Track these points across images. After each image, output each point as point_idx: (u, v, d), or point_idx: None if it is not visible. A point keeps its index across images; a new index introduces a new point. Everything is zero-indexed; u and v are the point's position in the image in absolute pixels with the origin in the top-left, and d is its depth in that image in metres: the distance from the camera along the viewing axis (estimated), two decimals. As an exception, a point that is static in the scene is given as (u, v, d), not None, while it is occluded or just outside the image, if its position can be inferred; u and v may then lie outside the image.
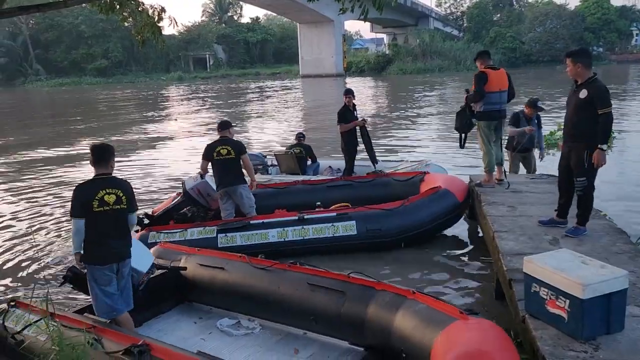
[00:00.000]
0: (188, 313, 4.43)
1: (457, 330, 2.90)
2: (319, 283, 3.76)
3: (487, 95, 5.93)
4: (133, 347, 2.93)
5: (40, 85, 50.75)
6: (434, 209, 5.67)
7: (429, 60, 47.41)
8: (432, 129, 15.29)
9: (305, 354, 3.70)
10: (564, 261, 3.13)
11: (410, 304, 3.28)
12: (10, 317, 3.76)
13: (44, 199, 8.98)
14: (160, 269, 4.32)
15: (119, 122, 21.07)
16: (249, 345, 3.85)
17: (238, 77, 50.99)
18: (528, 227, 4.74)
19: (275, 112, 21.80)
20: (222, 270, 4.23)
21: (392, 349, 3.27)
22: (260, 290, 3.99)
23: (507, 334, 3.73)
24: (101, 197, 3.49)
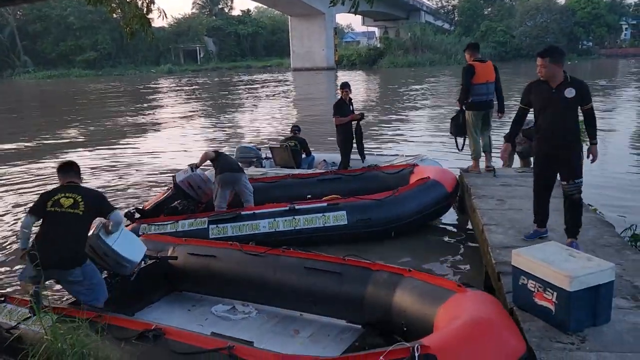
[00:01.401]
0: (180, 302, 4.45)
1: (457, 301, 3.05)
2: (315, 266, 3.86)
3: (474, 86, 6.22)
4: (147, 332, 2.97)
5: (28, 78, 50.13)
6: (423, 198, 5.72)
7: (420, 53, 47.46)
8: (425, 123, 15.31)
9: (306, 334, 3.80)
10: (551, 254, 3.16)
11: (408, 281, 3.42)
12: (2, 313, 3.71)
13: (32, 194, 8.89)
14: (151, 259, 4.31)
15: (107, 116, 20.89)
16: (248, 328, 3.90)
17: (229, 70, 50.74)
18: (517, 221, 4.77)
19: (267, 105, 21.73)
20: (214, 259, 4.28)
21: (392, 324, 3.41)
22: (255, 276, 4.06)
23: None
24: (57, 199, 3.58)
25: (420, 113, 17.57)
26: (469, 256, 5.34)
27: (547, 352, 2.78)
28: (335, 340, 3.68)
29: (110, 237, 3.77)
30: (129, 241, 3.95)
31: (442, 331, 2.82)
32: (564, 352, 2.79)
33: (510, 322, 2.97)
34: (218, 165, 6.03)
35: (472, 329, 2.74)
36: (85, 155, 12.46)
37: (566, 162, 4.05)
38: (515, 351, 2.73)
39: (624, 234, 4.84)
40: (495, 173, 6.39)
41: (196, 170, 6.10)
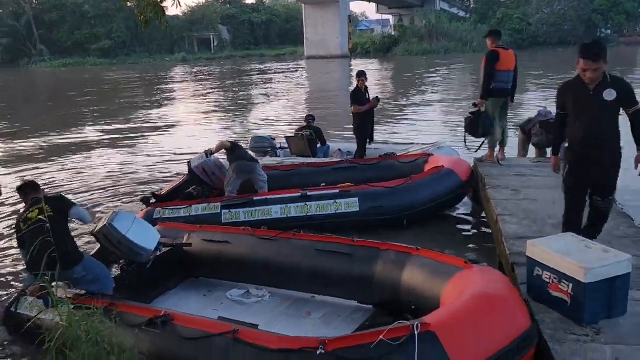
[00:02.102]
0: (196, 288, 4.54)
1: (463, 278, 3.08)
2: (325, 248, 3.92)
3: (497, 73, 6.08)
4: (156, 318, 3.06)
5: (44, 66, 50.54)
6: (436, 187, 5.70)
7: (435, 41, 46.88)
8: (441, 111, 15.17)
9: (317, 315, 3.88)
10: (567, 245, 3.14)
11: (416, 260, 3.46)
12: (24, 305, 3.86)
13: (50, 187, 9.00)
14: (166, 246, 4.38)
15: (123, 105, 21.05)
16: (262, 311, 3.99)
17: (242, 59, 50.61)
18: (531, 211, 4.73)
19: (281, 94, 21.68)
20: (227, 244, 4.36)
21: (401, 303, 3.46)
22: (267, 260, 4.14)
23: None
24: (25, 217, 3.82)
25: (435, 101, 17.40)
26: (482, 247, 5.31)
27: (561, 344, 2.77)
28: (347, 320, 3.75)
29: (124, 225, 3.85)
30: (142, 229, 4.02)
31: (444, 308, 2.86)
32: (579, 344, 2.78)
33: (517, 297, 2.97)
34: (233, 155, 6.13)
35: (475, 304, 2.76)
36: (102, 145, 12.58)
37: (602, 174, 3.58)
38: (519, 326, 2.73)
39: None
40: (500, 164, 6.33)
41: (211, 157, 6.14)
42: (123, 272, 4.16)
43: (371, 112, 7.56)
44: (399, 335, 2.55)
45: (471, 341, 2.59)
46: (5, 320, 4.03)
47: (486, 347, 2.59)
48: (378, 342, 2.55)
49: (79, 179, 9.13)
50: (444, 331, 2.57)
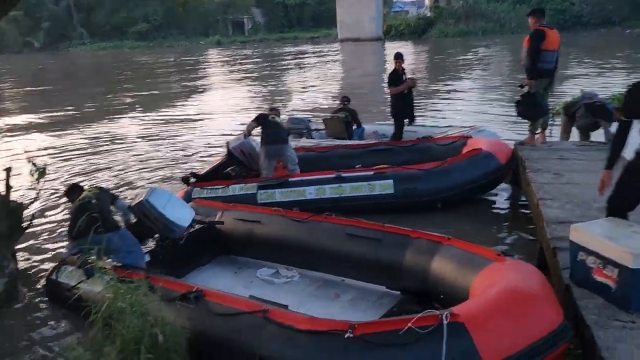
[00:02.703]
0: (227, 265, 4.65)
1: (494, 270, 3.03)
2: (355, 232, 3.94)
3: (542, 53, 5.89)
4: (189, 294, 3.15)
5: (84, 49, 51.68)
6: (473, 170, 5.62)
7: (472, 22, 45.71)
8: (479, 94, 14.79)
9: (346, 298, 3.91)
10: (612, 229, 3.06)
11: (447, 249, 3.43)
12: (64, 273, 4.09)
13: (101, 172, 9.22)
14: (199, 223, 4.52)
15: (161, 88, 21.39)
16: (291, 291, 4.05)
17: (276, 42, 50.54)
18: (574, 195, 4.60)
19: (315, 77, 21.61)
20: (259, 224, 4.44)
21: (429, 292, 3.45)
22: (298, 241, 4.19)
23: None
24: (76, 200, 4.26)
25: (473, 84, 17.01)
26: (521, 231, 5.23)
27: (605, 330, 2.71)
28: (375, 305, 3.77)
29: (160, 202, 4.03)
30: (178, 206, 4.20)
31: (474, 299, 2.83)
32: (624, 330, 2.71)
33: (549, 292, 2.91)
34: (264, 134, 6.17)
35: (505, 297, 2.72)
36: (142, 127, 12.84)
37: None
38: (550, 322, 2.68)
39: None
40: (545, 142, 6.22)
41: (248, 138, 6.19)
42: (157, 246, 4.32)
43: (409, 94, 7.46)
44: (428, 324, 2.55)
45: (500, 334, 2.55)
46: (46, 288, 4.25)
47: (515, 341, 2.54)
48: (406, 330, 2.54)
49: (119, 160, 9.40)
50: (473, 323, 2.55)
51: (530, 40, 5.95)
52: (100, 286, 3.61)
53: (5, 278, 4.33)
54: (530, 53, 5.92)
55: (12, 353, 3.60)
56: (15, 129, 13.22)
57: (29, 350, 3.67)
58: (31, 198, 5.58)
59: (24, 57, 47.78)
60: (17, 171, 5.35)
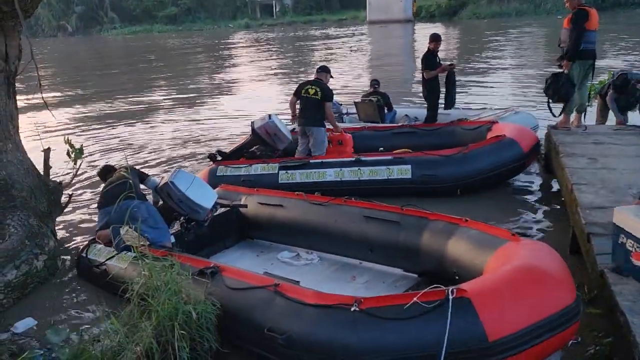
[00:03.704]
0: (250, 248, 4.76)
1: (509, 249, 3.02)
2: (374, 215, 3.97)
3: (586, 33, 5.72)
4: (206, 269, 3.28)
5: (115, 34, 52.44)
6: (494, 157, 5.54)
7: (505, 3, 44.53)
8: (514, 76, 14.45)
9: (362, 280, 3.95)
10: None
11: (463, 230, 3.43)
12: (93, 251, 4.27)
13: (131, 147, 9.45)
14: (223, 207, 4.63)
15: (189, 70, 21.59)
16: (309, 273, 4.12)
17: (304, 24, 50.22)
18: (610, 180, 4.51)
19: (343, 60, 21.45)
20: (281, 208, 4.52)
21: (445, 273, 3.44)
22: (318, 225, 4.26)
23: (580, 287, 3.68)
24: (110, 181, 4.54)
25: (508, 65, 16.58)
26: (553, 217, 5.14)
27: (639, 316, 2.67)
28: (390, 287, 3.79)
29: (184, 183, 4.14)
30: (201, 188, 4.30)
31: (483, 277, 2.83)
32: (659, 317, 2.66)
33: (563, 271, 2.87)
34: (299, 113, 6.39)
35: (515, 275, 2.70)
36: (170, 108, 13.04)
37: None
38: (560, 301, 2.65)
39: None
40: (585, 128, 6.08)
41: (273, 118, 6.26)
42: (182, 228, 4.43)
43: (450, 77, 7.22)
44: (434, 299, 2.56)
45: (506, 310, 2.54)
46: (77, 265, 4.43)
47: (522, 318, 2.53)
48: (412, 304, 2.57)
49: (148, 139, 9.69)
50: (479, 298, 2.55)
51: (573, 21, 5.75)
52: (127, 263, 3.84)
53: (45, 255, 4.49)
54: (575, 34, 5.71)
55: (52, 326, 3.75)
56: (54, 110, 13.54)
57: (68, 324, 3.82)
58: (69, 177, 5.76)
59: (58, 41, 48.78)
60: (54, 151, 5.49)
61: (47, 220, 4.99)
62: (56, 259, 4.68)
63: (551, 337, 2.57)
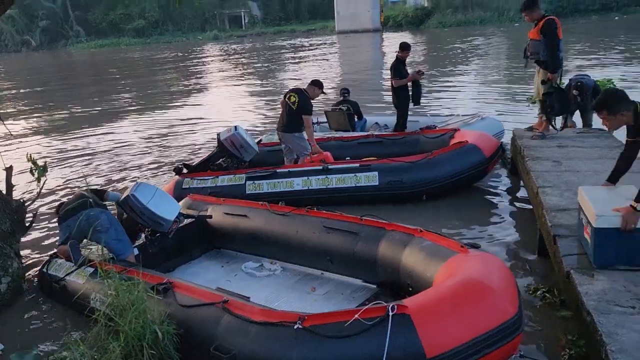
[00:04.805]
0: (216, 258, 4.74)
1: (456, 262, 3.06)
2: (333, 226, 4.00)
3: (559, 42, 5.74)
4: (159, 285, 3.25)
5: (81, 47, 51.52)
6: (457, 163, 5.66)
7: (470, 12, 45.51)
8: (480, 82, 14.78)
9: (322, 291, 3.95)
10: (609, 194, 3.35)
11: (417, 241, 3.46)
12: (53, 266, 4.21)
13: (86, 166, 9.27)
14: (188, 218, 4.64)
15: (158, 83, 21.35)
16: (271, 284, 4.11)
17: (273, 35, 50.34)
18: (574, 183, 4.60)
19: (313, 70, 21.55)
20: (246, 218, 4.52)
21: (400, 284, 3.49)
22: (281, 235, 4.27)
23: (550, 290, 3.74)
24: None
25: (474, 72, 16.99)
26: (521, 219, 5.24)
27: (605, 316, 2.72)
28: (348, 298, 3.79)
29: (145, 196, 4.13)
30: (163, 200, 4.29)
31: (426, 292, 2.83)
32: (624, 315, 2.73)
33: (508, 283, 2.89)
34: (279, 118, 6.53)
35: (457, 289, 2.72)
36: (135, 120, 12.85)
37: None
38: (501, 315, 2.66)
39: None
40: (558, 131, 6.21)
41: (239, 129, 6.27)
42: (147, 240, 4.39)
43: (417, 82, 7.42)
44: (374, 316, 2.57)
45: (446, 326, 2.55)
46: (39, 281, 4.39)
47: (461, 334, 2.53)
48: (352, 321, 2.57)
49: (112, 152, 9.55)
50: (419, 314, 2.56)
51: (547, 32, 5.68)
52: (85, 278, 3.78)
53: (9, 277, 4.34)
54: (551, 44, 5.67)
55: (18, 350, 3.62)
56: (15, 129, 13.21)
57: (34, 347, 3.69)
58: (32, 196, 5.60)
59: (22, 56, 47.70)
60: (17, 170, 5.34)
61: (10, 241, 4.82)
62: (20, 280, 4.53)
63: (491, 351, 2.57)
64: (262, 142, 7.35)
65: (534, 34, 5.87)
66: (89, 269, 3.78)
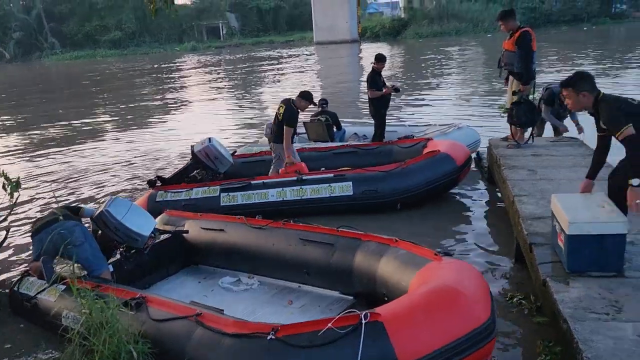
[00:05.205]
0: (194, 274, 4.67)
1: (430, 270, 3.08)
2: (309, 238, 3.98)
3: (533, 54, 5.85)
4: (132, 300, 3.21)
5: (57, 59, 50.82)
6: (430, 172, 5.72)
7: (445, 23, 46.24)
8: (456, 92, 14.95)
9: (298, 304, 3.93)
10: (581, 202, 3.41)
11: (392, 251, 3.47)
12: (25, 284, 4.10)
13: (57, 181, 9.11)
14: (165, 233, 4.56)
15: (134, 94, 21.14)
16: (247, 299, 4.07)
17: (252, 46, 50.41)
18: (549, 191, 4.66)
19: (291, 81, 21.60)
20: (223, 232, 4.47)
21: (377, 294, 3.48)
22: (258, 249, 4.24)
23: (526, 297, 3.78)
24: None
25: (450, 82, 17.19)
26: (498, 227, 5.28)
27: (581, 323, 2.76)
28: (325, 310, 3.77)
29: (120, 211, 4.04)
30: (138, 216, 4.21)
31: (399, 300, 2.84)
32: (599, 322, 2.76)
33: (481, 289, 2.91)
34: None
35: (429, 297, 2.73)
36: (111, 133, 12.69)
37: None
38: (473, 321, 2.68)
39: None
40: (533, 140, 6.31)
41: (213, 141, 6.26)
42: (122, 257, 4.29)
43: (388, 100, 7.57)
44: (347, 324, 2.57)
45: (419, 333, 2.56)
46: (10, 300, 4.25)
47: (434, 340, 2.54)
48: (325, 330, 2.57)
49: (86, 166, 9.40)
50: (392, 322, 2.56)
51: (522, 43, 5.78)
52: (56, 296, 3.68)
53: (-21, 296, 4.22)
54: (526, 56, 5.77)
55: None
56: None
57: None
58: (5, 212, 5.46)
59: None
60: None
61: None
62: (-6, 299, 4.40)
63: (464, 358, 2.59)
64: (236, 153, 7.32)
65: (509, 45, 5.96)
66: (61, 286, 3.69)
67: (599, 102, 3.35)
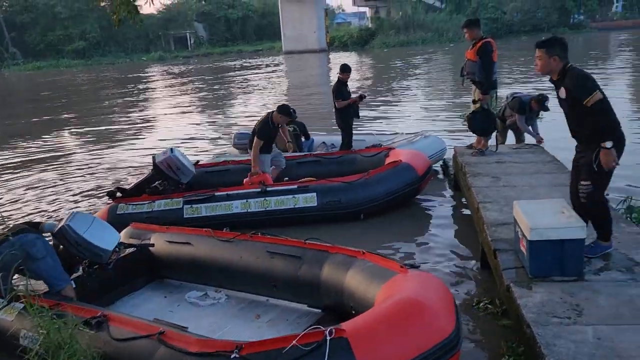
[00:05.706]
0: (160, 289, 4.55)
1: (395, 282, 3.08)
2: (277, 250, 3.93)
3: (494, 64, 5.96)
4: (92, 319, 3.11)
5: (18, 70, 49.49)
6: (392, 181, 5.79)
7: (411, 33, 47.03)
8: (422, 101, 15.19)
9: (266, 318, 3.88)
10: (542, 208, 3.48)
11: (360, 263, 3.46)
12: None
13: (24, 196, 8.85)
14: (129, 247, 4.43)
15: (98, 105, 20.72)
16: (214, 314, 4.00)
17: (220, 55, 50.17)
18: (512, 197, 4.75)
19: (260, 90, 21.56)
20: (189, 246, 4.37)
21: (344, 307, 3.46)
22: (225, 262, 4.15)
23: (492, 301, 3.84)
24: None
25: (416, 91, 17.46)
26: (464, 234, 5.36)
27: (544, 327, 2.81)
28: (292, 324, 3.74)
29: (81, 226, 3.89)
30: (101, 230, 4.06)
31: (364, 314, 2.82)
32: (561, 326, 2.82)
33: (446, 301, 2.93)
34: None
35: (394, 310, 2.73)
36: (75, 144, 12.40)
37: (583, 162, 3.50)
38: (440, 332, 2.69)
39: (619, 206, 4.85)
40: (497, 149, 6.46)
41: (175, 151, 6.19)
42: (84, 273, 4.16)
43: (356, 109, 7.65)
44: (312, 341, 2.55)
45: (385, 348, 2.56)
46: None
47: (399, 354, 2.54)
48: (290, 347, 2.54)
49: (48, 182, 9.08)
50: (357, 337, 2.55)
51: (483, 54, 5.90)
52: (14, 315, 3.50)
53: None
54: (486, 66, 5.89)
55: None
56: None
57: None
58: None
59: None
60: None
61: None
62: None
63: None
64: (199, 163, 7.23)
65: (471, 55, 6.08)
66: (19, 305, 3.51)
67: (567, 70, 3.42)
